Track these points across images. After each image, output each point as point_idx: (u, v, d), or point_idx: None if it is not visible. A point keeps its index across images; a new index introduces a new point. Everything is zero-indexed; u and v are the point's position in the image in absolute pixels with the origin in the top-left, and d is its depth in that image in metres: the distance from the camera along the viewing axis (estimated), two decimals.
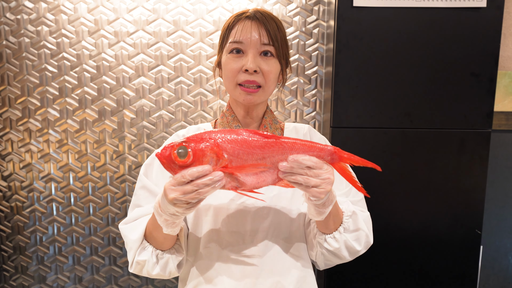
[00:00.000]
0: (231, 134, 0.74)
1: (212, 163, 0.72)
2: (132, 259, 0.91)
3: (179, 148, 0.71)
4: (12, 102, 1.70)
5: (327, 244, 0.92)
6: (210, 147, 0.72)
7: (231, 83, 0.95)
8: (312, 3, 1.63)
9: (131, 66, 1.67)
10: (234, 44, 0.94)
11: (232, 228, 0.95)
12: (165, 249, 0.91)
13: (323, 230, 0.92)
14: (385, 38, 1.33)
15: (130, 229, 0.92)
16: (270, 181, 0.77)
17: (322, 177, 0.74)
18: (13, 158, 1.73)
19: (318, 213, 0.81)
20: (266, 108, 1.04)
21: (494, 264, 1.76)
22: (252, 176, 0.75)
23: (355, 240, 0.93)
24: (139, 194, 0.98)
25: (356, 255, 0.95)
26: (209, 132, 0.75)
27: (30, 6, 1.64)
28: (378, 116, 1.37)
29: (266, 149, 0.74)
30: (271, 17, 0.95)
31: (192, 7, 1.63)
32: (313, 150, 0.76)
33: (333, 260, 0.96)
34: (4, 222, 1.78)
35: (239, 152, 0.74)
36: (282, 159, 0.75)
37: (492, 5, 1.30)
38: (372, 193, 1.05)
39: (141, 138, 1.71)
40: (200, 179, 0.70)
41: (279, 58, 0.95)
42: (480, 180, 1.39)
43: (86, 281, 1.80)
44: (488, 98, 1.35)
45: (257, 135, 0.75)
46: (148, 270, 0.90)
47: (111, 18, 1.64)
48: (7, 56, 1.67)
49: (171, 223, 0.79)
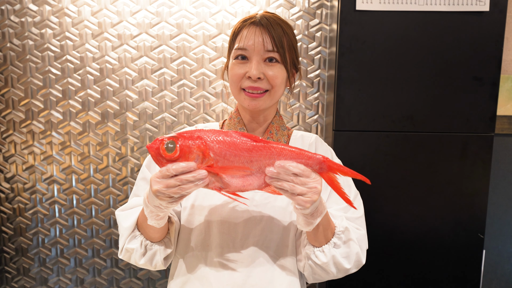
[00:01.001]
0: (221, 135, 0.76)
1: (197, 161, 0.73)
2: (122, 245, 0.93)
3: (168, 143, 0.73)
4: (16, 104, 1.70)
5: (315, 256, 0.90)
6: (197, 145, 0.73)
7: (235, 88, 0.96)
8: (315, 7, 1.63)
9: (134, 69, 1.67)
10: (238, 50, 0.94)
11: (224, 230, 0.95)
12: (154, 241, 0.92)
13: (312, 242, 0.90)
14: (388, 41, 1.33)
15: (124, 217, 0.95)
16: (256, 186, 0.77)
17: (308, 185, 0.73)
18: (16, 160, 1.74)
19: (306, 223, 0.79)
20: (275, 114, 1.03)
21: (496, 268, 1.76)
22: (238, 179, 0.76)
23: (344, 257, 0.90)
24: (139, 185, 1.02)
25: (345, 273, 0.92)
26: (201, 131, 0.76)
27: (34, 9, 1.65)
28: (380, 120, 1.37)
29: (254, 152, 0.75)
30: (277, 22, 0.94)
31: (195, 10, 1.64)
32: (301, 158, 0.76)
33: (321, 275, 0.93)
34: (7, 224, 1.78)
35: (226, 153, 0.75)
36: (270, 164, 0.75)
37: (495, 9, 1.30)
38: (373, 196, 1.05)
39: (144, 140, 1.71)
40: (183, 175, 0.71)
41: (284, 64, 0.95)
42: (482, 184, 1.38)
43: (88, 283, 1.80)
44: (490, 102, 1.34)
45: (246, 138, 0.76)
46: (135, 259, 0.92)
47: (114, 21, 1.65)
48: (11, 58, 1.68)
49: (155, 215, 0.80)
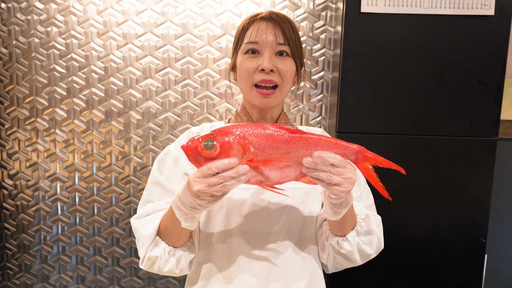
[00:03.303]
0: (257, 128, 0.74)
1: (238, 156, 0.72)
2: (144, 254, 0.90)
3: (206, 140, 0.71)
4: (20, 101, 1.71)
5: (340, 246, 0.92)
6: (237, 140, 0.72)
7: (247, 84, 0.94)
8: (320, 9, 1.64)
9: (138, 68, 1.68)
10: (249, 44, 0.93)
11: (244, 229, 0.95)
12: (177, 246, 0.90)
13: (336, 232, 0.92)
14: (392, 44, 1.33)
15: (143, 224, 0.91)
16: (293, 177, 0.76)
17: (344, 176, 0.74)
18: (19, 157, 1.75)
19: (335, 213, 0.81)
20: (281, 111, 1.03)
21: (498, 273, 1.75)
22: (276, 171, 0.75)
23: (367, 243, 0.93)
24: (152, 190, 0.97)
25: (367, 259, 0.95)
26: (235, 126, 0.74)
27: (40, 7, 1.66)
28: (383, 122, 1.36)
29: (291, 144, 0.74)
30: (285, 18, 0.96)
31: (200, 10, 1.64)
32: (337, 148, 0.75)
33: (343, 264, 0.96)
34: (9, 221, 1.79)
35: (264, 146, 0.73)
36: (306, 155, 0.74)
37: (500, 14, 1.30)
38: (375, 199, 1.05)
39: (147, 139, 1.72)
40: (226, 172, 0.70)
41: (294, 58, 0.95)
42: (485, 188, 1.38)
43: (89, 281, 1.81)
44: (494, 106, 1.34)
45: (282, 130, 0.75)
46: (160, 266, 0.89)
47: (120, 20, 1.66)
48: (16, 55, 1.68)
49: (191, 217, 0.78)
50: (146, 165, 1.73)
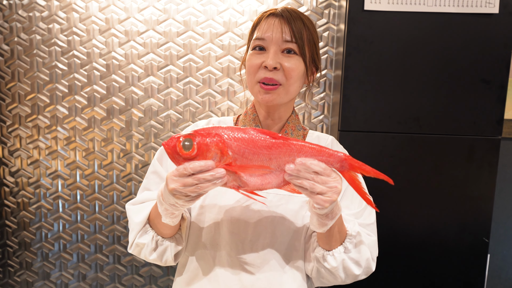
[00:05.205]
0: (239, 132, 0.73)
1: (216, 159, 0.71)
2: (133, 240, 0.92)
3: (185, 141, 0.71)
4: (22, 98, 1.71)
5: (324, 260, 0.88)
6: (215, 142, 0.71)
7: (252, 80, 0.94)
8: (323, 6, 1.63)
9: (140, 66, 1.67)
10: (256, 41, 0.93)
11: (234, 230, 0.93)
12: (166, 237, 0.91)
13: (323, 245, 0.89)
14: (395, 42, 1.32)
15: (136, 211, 0.93)
16: (275, 184, 0.75)
17: (329, 184, 0.71)
18: (21, 154, 1.74)
19: (320, 225, 0.78)
20: (291, 113, 1.01)
21: (501, 273, 1.74)
22: (257, 177, 0.74)
23: (354, 262, 0.89)
24: (150, 178, 0.99)
25: (354, 279, 0.91)
26: (218, 128, 0.74)
27: (42, 4, 1.65)
28: (386, 121, 1.36)
29: (273, 150, 0.73)
30: (297, 15, 0.93)
31: (202, 8, 1.64)
32: (322, 155, 0.73)
33: (329, 279, 0.92)
34: (10, 218, 1.79)
35: (244, 151, 0.72)
36: (289, 161, 0.73)
37: (505, 11, 1.29)
38: (378, 198, 1.04)
39: (149, 137, 1.71)
40: (201, 174, 0.69)
41: (303, 56, 0.92)
42: (488, 187, 1.37)
43: (90, 279, 1.80)
44: (498, 105, 1.33)
45: (264, 135, 0.73)
46: (146, 254, 0.91)
47: (122, 17, 1.65)
48: (18, 52, 1.68)
49: (170, 213, 0.79)
50: (148, 163, 1.72)
